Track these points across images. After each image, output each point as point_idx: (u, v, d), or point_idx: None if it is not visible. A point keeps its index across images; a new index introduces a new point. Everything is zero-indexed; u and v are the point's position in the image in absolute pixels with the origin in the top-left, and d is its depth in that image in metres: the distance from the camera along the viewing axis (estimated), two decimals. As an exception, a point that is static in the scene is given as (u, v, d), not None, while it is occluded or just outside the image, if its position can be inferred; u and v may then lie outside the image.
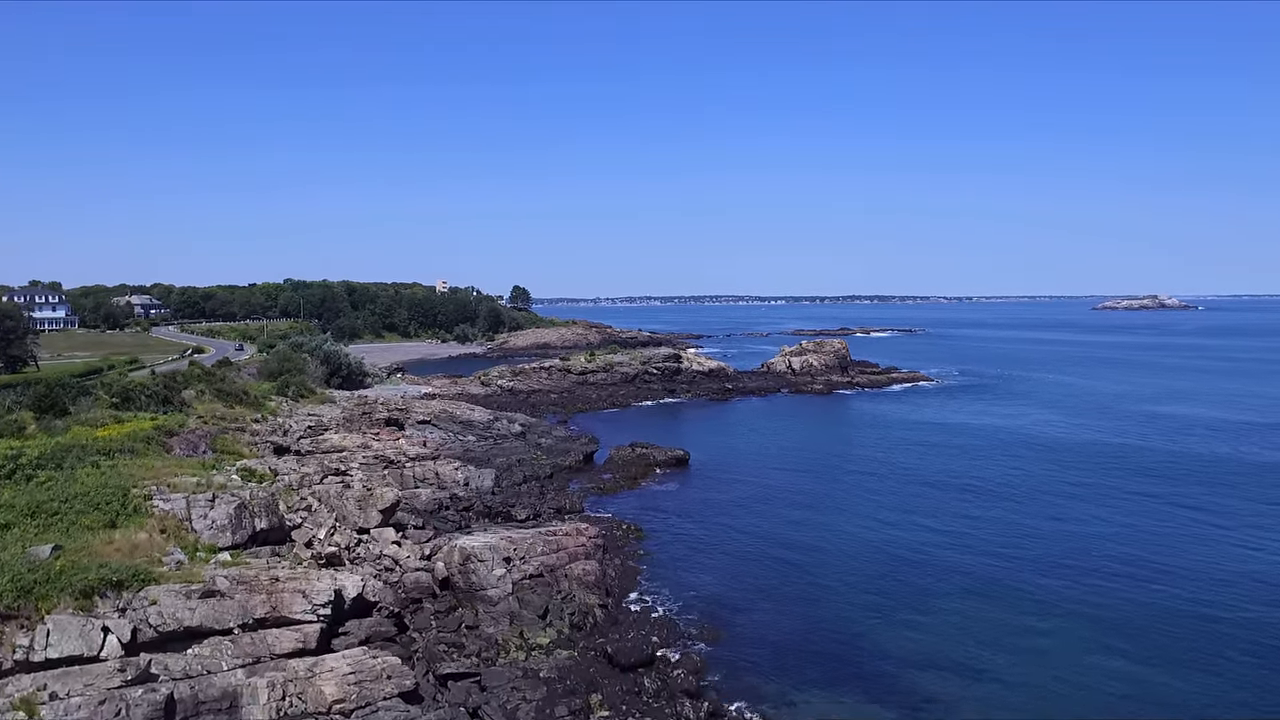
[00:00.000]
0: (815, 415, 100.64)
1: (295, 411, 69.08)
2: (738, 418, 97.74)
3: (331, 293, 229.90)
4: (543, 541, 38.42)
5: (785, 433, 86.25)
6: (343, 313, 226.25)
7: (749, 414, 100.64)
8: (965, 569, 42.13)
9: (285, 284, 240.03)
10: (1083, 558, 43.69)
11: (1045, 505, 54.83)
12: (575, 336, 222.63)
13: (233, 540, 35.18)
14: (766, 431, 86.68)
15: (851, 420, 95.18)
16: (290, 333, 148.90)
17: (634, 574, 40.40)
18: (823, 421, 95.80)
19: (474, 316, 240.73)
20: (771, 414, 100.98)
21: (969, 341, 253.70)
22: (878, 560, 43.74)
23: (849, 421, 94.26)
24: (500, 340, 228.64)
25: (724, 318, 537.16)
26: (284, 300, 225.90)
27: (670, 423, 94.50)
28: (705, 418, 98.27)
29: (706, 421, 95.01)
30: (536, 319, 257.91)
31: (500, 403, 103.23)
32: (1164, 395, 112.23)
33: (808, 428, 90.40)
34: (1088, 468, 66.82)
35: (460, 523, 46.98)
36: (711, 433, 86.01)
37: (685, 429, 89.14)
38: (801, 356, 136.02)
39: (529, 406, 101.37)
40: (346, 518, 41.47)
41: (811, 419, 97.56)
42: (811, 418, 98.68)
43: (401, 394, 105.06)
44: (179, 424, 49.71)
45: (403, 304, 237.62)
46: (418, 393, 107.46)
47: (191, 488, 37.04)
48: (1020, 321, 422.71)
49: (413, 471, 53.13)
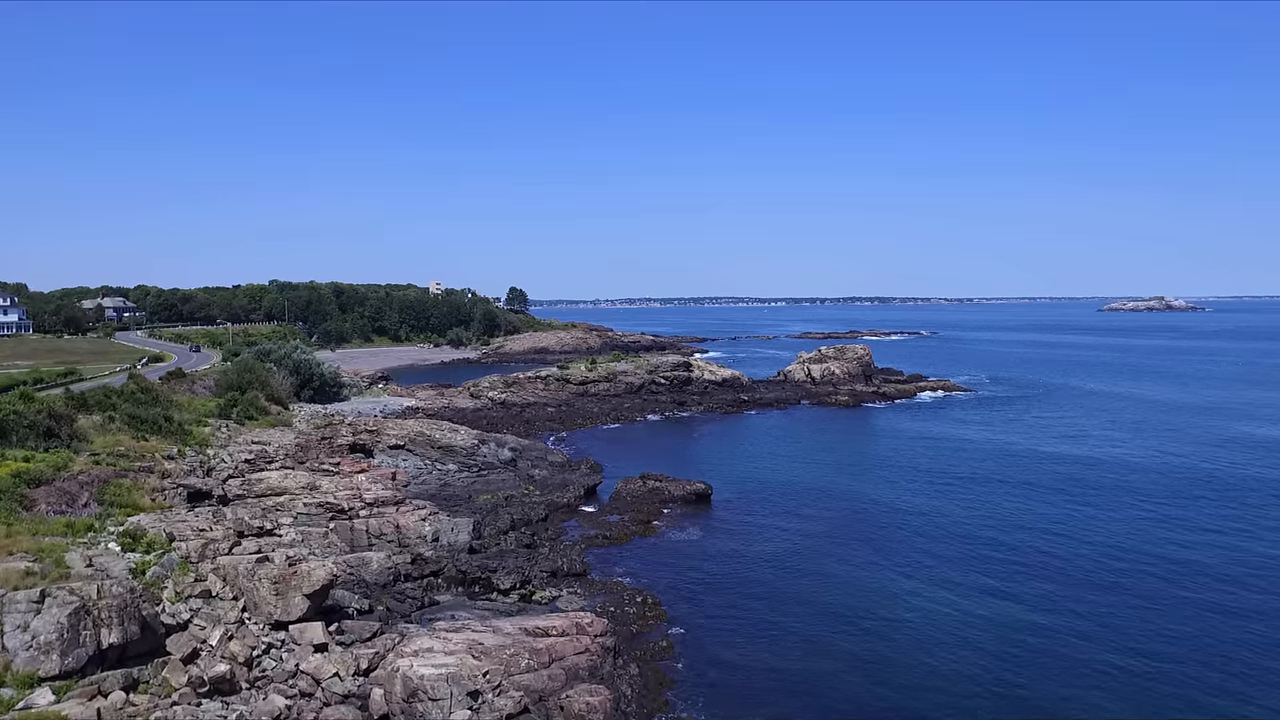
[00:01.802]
0: (846, 434, 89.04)
1: (234, 439, 57.38)
2: (759, 437, 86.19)
3: (318, 295, 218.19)
4: (528, 650, 26.89)
5: (815, 457, 74.71)
6: (330, 316, 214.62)
7: (771, 432, 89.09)
8: (1110, 670, 30.61)
9: (270, 285, 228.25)
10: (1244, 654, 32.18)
11: (1170, 571, 43.23)
12: (575, 341, 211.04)
13: (63, 665, 23.71)
14: (794, 456, 75.12)
15: (888, 440, 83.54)
16: (261, 339, 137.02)
17: (659, 691, 28.75)
18: (856, 442, 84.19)
19: (468, 320, 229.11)
20: (796, 432, 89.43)
21: (986, 345, 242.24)
22: (977, 656, 32.21)
23: (885, 442, 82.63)
24: (496, 345, 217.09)
25: (727, 320, 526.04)
26: (268, 303, 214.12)
27: (683, 443, 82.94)
28: (722, 436, 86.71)
29: (724, 441, 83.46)
30: (534, 322, 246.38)
31: (491, 419, 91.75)
32: (1234, 410, 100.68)
33: (840, 450, 78.81)
34: (1196, 511, 55.21)
35: (422, 600, 35.40)
36: (731, 457, 74.44)
37: (701, 452, 77.59)
38: (822, 364, 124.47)
39: (522, 423, 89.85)
40: (258, 606, 29.92)
41: (843, 439, 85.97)
42: (842, 437, 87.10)
43: (380, 409, 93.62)
44: (58, 466, 38.08)
45: (393, 306, 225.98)
46: (399, 406, 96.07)
47: (15, 579, 25.47)
48: (1031, 324, 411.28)
49: (366, 524, 41.54)
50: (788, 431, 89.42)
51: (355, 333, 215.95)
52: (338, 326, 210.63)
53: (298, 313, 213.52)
